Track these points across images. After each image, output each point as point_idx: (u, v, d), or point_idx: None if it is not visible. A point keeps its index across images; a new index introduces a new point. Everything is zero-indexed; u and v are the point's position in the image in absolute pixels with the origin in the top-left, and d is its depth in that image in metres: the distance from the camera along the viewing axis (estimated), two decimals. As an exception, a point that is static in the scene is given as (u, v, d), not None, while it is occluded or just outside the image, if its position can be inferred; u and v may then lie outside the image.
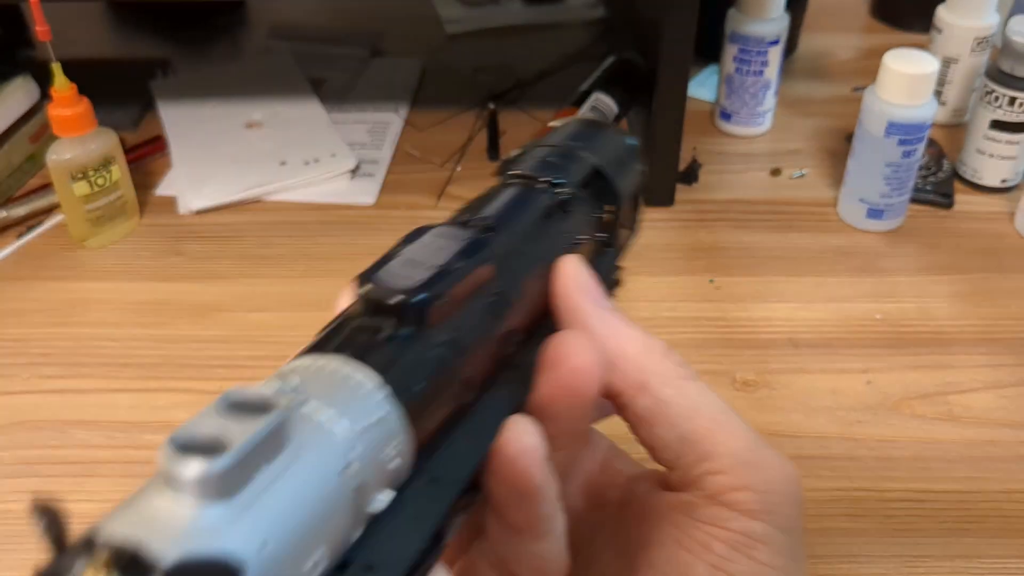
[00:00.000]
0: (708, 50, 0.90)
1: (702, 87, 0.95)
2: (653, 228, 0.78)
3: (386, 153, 0.86)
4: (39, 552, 0.17)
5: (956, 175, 0.83)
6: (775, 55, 0.85)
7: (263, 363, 0.65)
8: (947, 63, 0.86)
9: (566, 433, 0.27)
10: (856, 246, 0.76)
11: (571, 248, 0.32)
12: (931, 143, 0.84)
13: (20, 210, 0.78)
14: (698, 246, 0.76)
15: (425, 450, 0.24)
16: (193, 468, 0.17)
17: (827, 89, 0.97)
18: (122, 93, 0.92)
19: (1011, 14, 0.83)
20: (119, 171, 0.75)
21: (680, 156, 0.79)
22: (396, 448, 0.22)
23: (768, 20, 0.83)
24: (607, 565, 0.31)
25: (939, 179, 0.82)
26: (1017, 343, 0.66)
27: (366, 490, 0.21)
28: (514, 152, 0.35)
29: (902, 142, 0.72)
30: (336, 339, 0.24)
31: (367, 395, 0.22)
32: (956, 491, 0.56)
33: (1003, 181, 0.81)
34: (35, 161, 0.83)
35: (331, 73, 0.98)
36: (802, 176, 0.85)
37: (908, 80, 0.70)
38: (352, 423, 0.21)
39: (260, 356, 0.66)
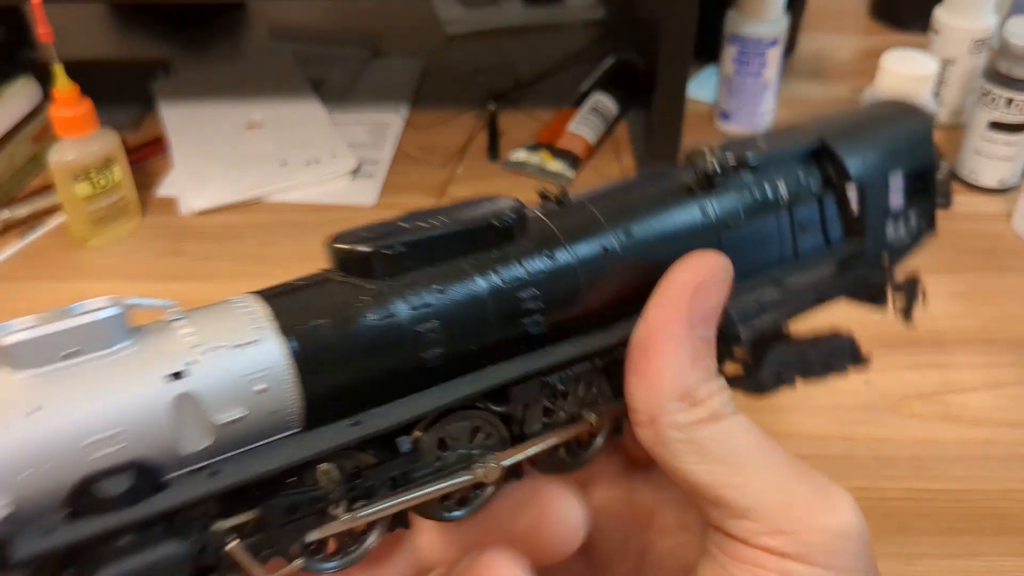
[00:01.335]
0: (708, 51, 0.91)
1: (702, 88, 0.96)
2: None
3: (386, 153, 0.87)
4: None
5: (954, 176, 0.83)
6: (774, 56, 0.85)
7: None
8: (945, 64, 0.86)
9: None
10: (855, 246, 0.76)
11: (712, 235, 0.29)
12: (930, 144, 0.84)
13: (22, 210, 0.78)
14: (697, 246, 0.76)
15: (353, 397, 0.24)
16: (2, 337, 0.21)
17: (826, 90, 0.98)
18: (123, 94, 0.93)
19: (1009, 15, 0.83)
20: (120, 172, 0.75)
21: (680, 156, 0.79)
22: (261, 374, 0.23)
23: (767, 21, 0.84)
24: None
25: (937, 180, 0.82)
26: (1014, 343, 0.66)
27: (205, 401, 0.22)
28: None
29: (900, 143, 0.72)
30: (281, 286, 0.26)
31: (241, 317, 0.24)
32: (954, 490, 0.56)
33: (1001, 182, 0.81)
34: (37, 162, 0.84)
35: (331, 74, 0.98)
36: (801, 176, 0.85)
37: (906, 81, 0.71)
38: (205, 338, 0.23)
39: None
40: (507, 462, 0.27)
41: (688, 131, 0.79)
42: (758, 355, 0.31)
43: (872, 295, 0.32)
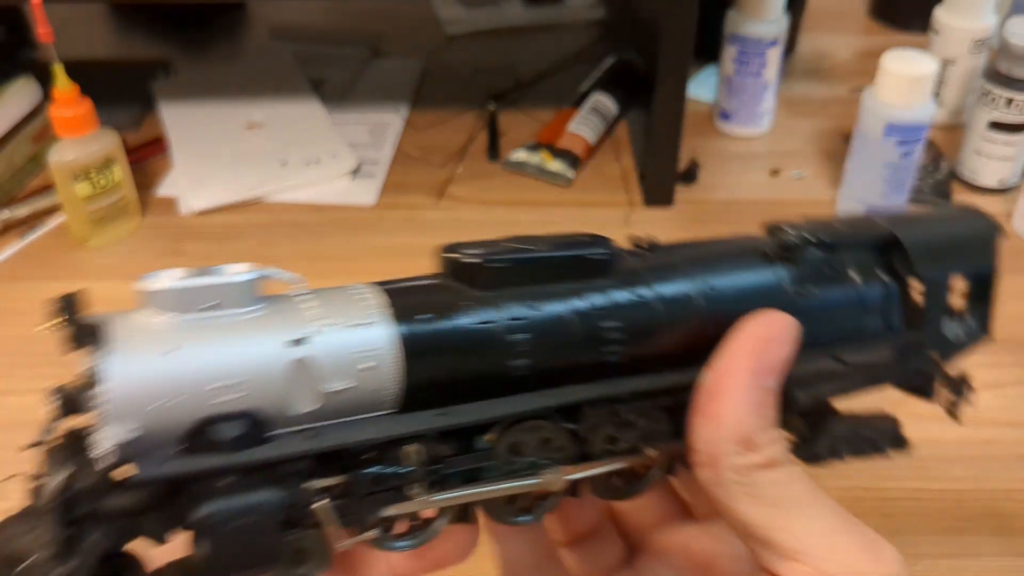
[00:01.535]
0: (708, 50, 0.91)
1: (702, 88, 0.96)
2: (653, 228, 0.78)
3: (386, 153, 0.87)
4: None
5: (954, 176, 0.83)
6: (774, 56, 0.85)
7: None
8: (945, 64, 0.86)
9: None
10: (855, 246, 0.76)
11: (785, 299, 0.31)
12: (929, 144, 0.84)
13: (22, 210, 0.78)
14: (697, 246, 0.76)
15: (445, 390, 0.27)
16: (152, 282, 0.24)
17: (826, 90, 0.98)
18: (123, 94, 0.93)
19: (1008, 15, 0.83)
20: (120, 172, 0.75)
21: (680, 156, 0.79)
22: (370, 353, 0.25)
23: (767, 21, 0.84)
24: None
25: (937, 180, 0.82)
26: (1015, 343, 0.66)
27: (318, 369, 0.25)
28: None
29: (900, 143, 0.72)
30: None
31: (359, 302, 0.26)
32: (955, 490, 0.56)
33: (1001, 182, 0.81)
34: (37, 162, 0.84)
35: (331, 74, 0.98)
36: (801, 177, 0.85)
37: (906, 81, 0.71)
38: (326, 314, 0.25)
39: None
40: (571, 476, 0.29)
41: (688, 131, 0.79)
42: (815, 425, 0.33)
43: (922, 387, 0.35)
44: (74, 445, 0.24)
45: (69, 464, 0.24)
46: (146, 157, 0.86)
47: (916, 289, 0.33)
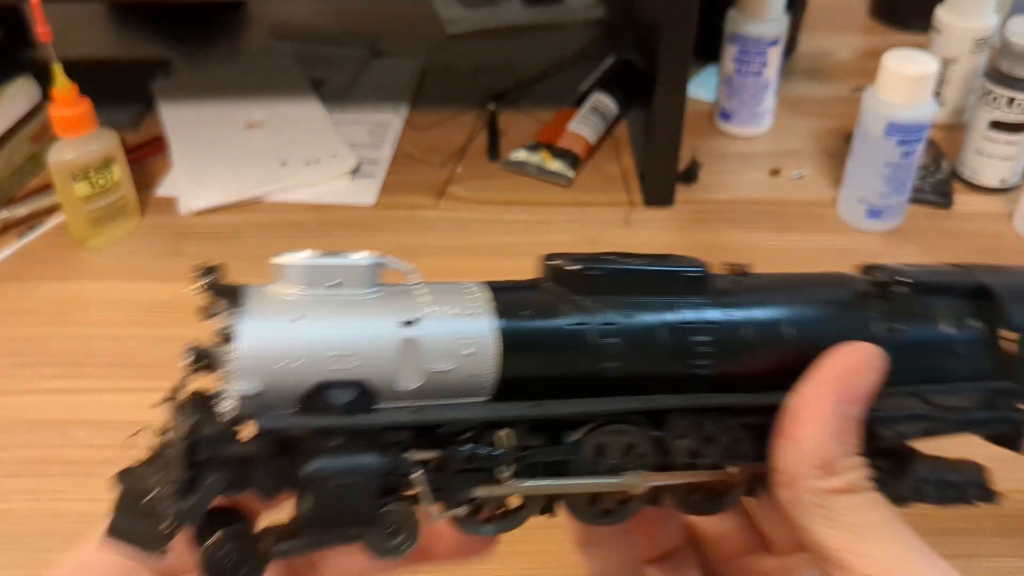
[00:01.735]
0: (708, 50, 0.91)
1: (702, 87, 0.96)
2: (653, 228, 0.78)
3: (386, 153, 0.87)
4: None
5: (955, 175, 0.83)
6: (775, 55, 0.85)
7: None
8: (946, 64, 0.86)
9: None
10: (855, 246, 0.76)
11: (873, 331, 0.33)
12: (930, 143, 0.84)
13: (21, 210, 0.78)
14: (698, 246, 0.76)
15: (536, 384, 0.29)
16: (286, 258, 0.27)
17: (827, 89, 0.97)
18: (123, 94, 0.92)
19: (1010, 15, 0.83)
20: (120, 171, 0.75)
21: (680, 156, 0.79)
22: (472, 340, 0.28)
23: (767, 20, 0.84)
24: None
25: (938, 179, 0.82)
26: (1016, 343, 0.66)
27: (425, 350, 0.27)
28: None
29: (901, 142, 0.72)
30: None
31: (466, 295, 0.29)
32: (955, 491, 0.56)
33: (1002, 181, 0.81)
34: (36, 161, 0.83)
35: (331, 73, 0.98)
36: (801, 176, 0.85)
37: (907, 81, 0.70)
38: (436, 302, 0.28)
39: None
40: (654, 482, 0.30)
41: (688, 131, 0.79)
42: (900, 465, 0.34)
43: (1009, 438, 0.36)
44: (201, 400, 0.27)
45: (196, 414, 0.26)
46: (145, 157, 0.86)
47: (1007, 339, 0.34)
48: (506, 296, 0.29)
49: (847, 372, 0.30)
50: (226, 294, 0.27)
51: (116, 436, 0.60)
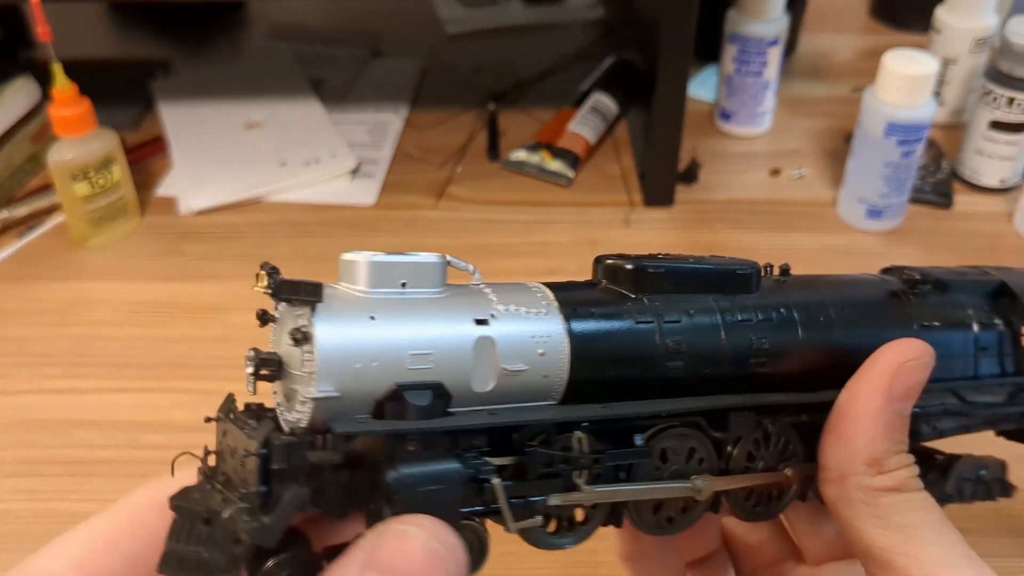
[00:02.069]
0: (708, 50, 0.91)
1: (702, 87, 0.95)
2: (653, 228, 0.78)
3: (386, 153, 0.87)
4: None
5: (955, 175, 0.83)
6: (775, 55, 0.85)
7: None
8: (946, 64, 0.86)
9: None
10: (855, 246, 0.76)
11: (912, 328, 0.33)
12: (930, 143, 0.84)
13: (21, 210, 0.78)
14: (698, 246, 0.76)
15: (603, 386, 0.28)
16: (357, 256, 0.26)
17: (826, 89, 0.97)
18: (123, 93, 0.92)
19: (1009, 15, 0.83)
20: (120, 171, 0.75)
21: (680, 156, 0.79)
22: (544, 340, 0.27)
23: (768, 21, 0.84)
24: None
25: (938, 179, 0.82)
26: (1016, 343, 0.66)
27: (499, 349, 0.26)
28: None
29: (901, 142, 0.72)
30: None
31: (533, 294, 0.28)
32: (955, 491, 0.56)
33: (1002, 181, 0.81)
34: (36, 161, 0.83)
35: (331, 73, 0.98)
36: (801, 176, 0.85)
37: (907, 81, 0.70)
38: (506, 300, 0.27)
39: (260, 356, 0.66)
40: (720, 487, 0.30)
41: (688, 131, 0.79)
42: (945, 464, 0.35)
43: None
44: (262, 409, 0.26)
45: (263, 423, 0.25)
46: (145, 157, 0.86)
47: None
48: (569, 295, 0.29)
49: (899, 369, 0.30)
50: (296, 292, 0.25)
51: (116, 436, 0.61)
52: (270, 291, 0.25)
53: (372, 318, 0.25)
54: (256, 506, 0.23)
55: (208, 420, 0.26)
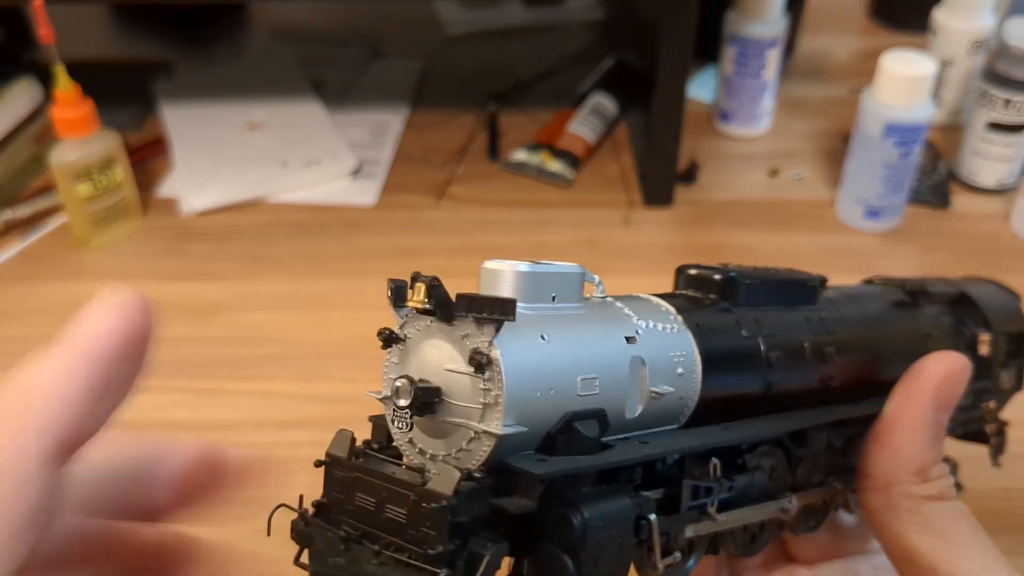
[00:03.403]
0: (708, 51, 0.91)
1: (701, 88, 0.96)
2: (652, 228, 0.79)
3: (387, 154, 0.87)
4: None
5: (952, 176, 0.83)
6: (774, 57, 0.85)
7: (264, 363, 0.65)
8: (944, 65, 0.86)
9: None
10: (854, 246, 0.76)
11: (924, 337, 0.34)
12: (928, 144, 0.84)
13: (24, 211, 0.78)
14: (697, 246, 0.76)
15: (718, 404, 0.26)
16: (498, 263, 0.23)
17: (825, 90, 0.98)
18: (124, 95, 0.93)
19: (1007, 16, 0.84)
20: (121, 172, 0.75)
21: (679, 157, 0.79)
22: (681, 359, 0.25)
23: (767, 22, 0.84)
24: None
25: (936, 180, 0.82)
26: (1013, 343, 0.66)
27: (649, 368, 0.24)
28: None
29: (899, 143, 0.73)
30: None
31: (659, 309, 0.26)
32: (952, 489, 0.56)
33: (999, 182, 0.81)
34: (38, 162, 0.84)
35: (332, 74, 0.98)
36: (800, 177, 0.85)
37: (905, 82, 0.71)
38: (640, 315, 0.25)
39: (260, 356, 0.66)
40: (801, 503, 0.29)
41: (688, 131, 0.79)
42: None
43: (978, 434, 0.38)
44: (383, 449, 0.22)
45: (440, 465, 0.21)
46: (147, 158, 0.86)
47: (982, 341, 0.37)
48: (689, 309, 0.27)
49: (944, 381, 0.30)
50: (480, 308, 0.21)
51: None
52: (430, 305, 0.22)
53: (543, 338, 0.22)
54: (460, 570, 0.20)
55: (319, 464, 0.23)
